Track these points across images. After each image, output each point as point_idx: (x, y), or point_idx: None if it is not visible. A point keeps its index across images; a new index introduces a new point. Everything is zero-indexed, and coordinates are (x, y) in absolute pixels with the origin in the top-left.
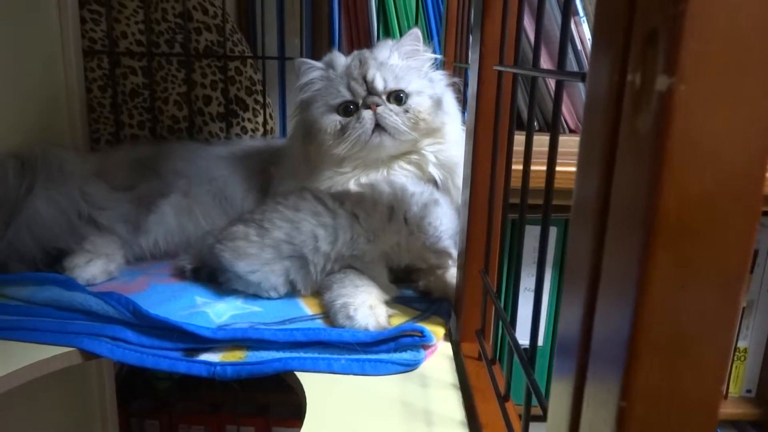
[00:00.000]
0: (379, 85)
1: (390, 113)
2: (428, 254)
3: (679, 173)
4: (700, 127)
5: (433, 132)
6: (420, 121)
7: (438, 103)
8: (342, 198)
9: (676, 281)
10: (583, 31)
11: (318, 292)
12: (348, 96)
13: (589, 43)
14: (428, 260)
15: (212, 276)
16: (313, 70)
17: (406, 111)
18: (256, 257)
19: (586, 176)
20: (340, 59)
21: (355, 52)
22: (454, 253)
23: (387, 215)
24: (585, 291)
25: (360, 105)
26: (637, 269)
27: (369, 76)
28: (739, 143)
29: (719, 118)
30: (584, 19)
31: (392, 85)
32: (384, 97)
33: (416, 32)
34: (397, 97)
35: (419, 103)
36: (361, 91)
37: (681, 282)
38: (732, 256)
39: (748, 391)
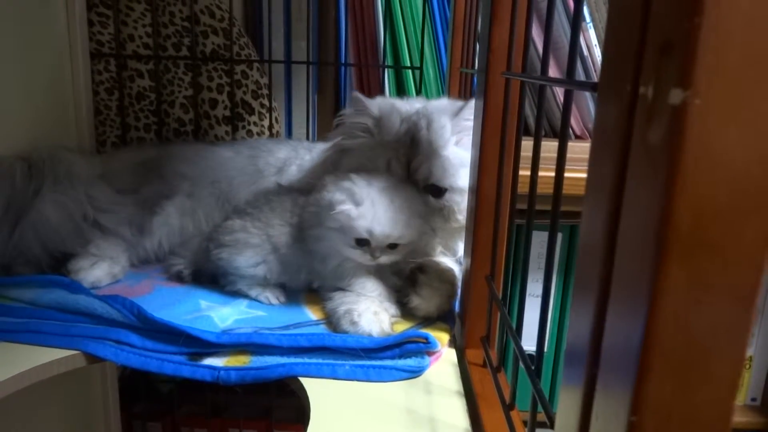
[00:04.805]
0: (420, 177)
1: None
2: None
3: (692, 187)
4: (715, 141)
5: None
6: (453, 220)
7: None
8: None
9: (689, 295)
10: (590, 36)
11: (321, 297)
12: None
13: (595, 49)
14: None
15: (214, 278)
16: (364, 117)
17: (441, 208)
18: (259, 248)
19: (597, 186)
20: (393, 123)
21: (414, 113)
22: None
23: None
24: (595, 302)
25: None
26: (650, 282)
27: (414, 164)
28: (754, 157)
29: (734, 132)
30: (590, 24)
31: (432, 181)
32: (420, 186)
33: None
34: (436, 189)
35: (457, 202)
36: (399, 172)
37: (694, 296)
38: (746, 271)
39: (753, 399)
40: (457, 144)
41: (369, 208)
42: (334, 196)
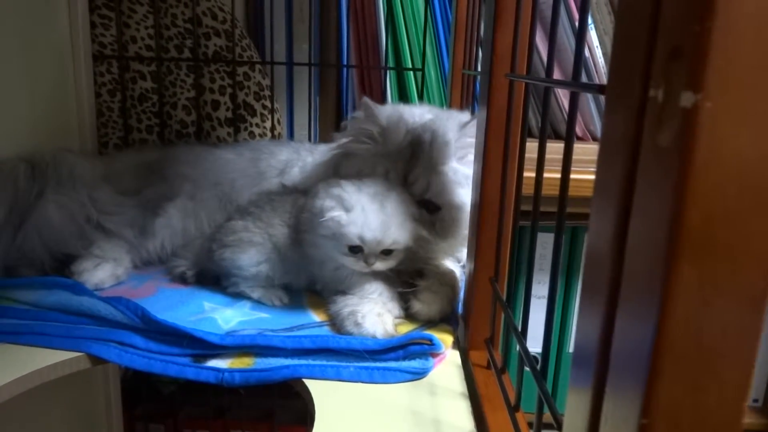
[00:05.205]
0: (416, 191)
1: None
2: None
3: (703, 189)
4: (726, 144)
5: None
6: (446, 237)
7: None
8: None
9: (700, 297)
10: (591, 37)
11: (324, 299)
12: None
13: (596, 50)
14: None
15: (217, 279)
16: (371, 124)
17: (433, 223)
18: (261, 246)
19: (606, 189)
20: (398, 135)
21: (420, 126)
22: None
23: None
24: (604, 304)
25: None
26: (661, 284)
27: (411, 177)
28: (764, 159)
29: (745, 135)
30: (591, 25)
31: (428, 197)
32: (416, 200)
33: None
34: (431, 205)
35: (452, 219)
36: (394, 180)
37: (705, 297)
38: (756, 273)
39: (755, 400)
40: (459, 160)
41: (359, 214)
42: (324, 203)
